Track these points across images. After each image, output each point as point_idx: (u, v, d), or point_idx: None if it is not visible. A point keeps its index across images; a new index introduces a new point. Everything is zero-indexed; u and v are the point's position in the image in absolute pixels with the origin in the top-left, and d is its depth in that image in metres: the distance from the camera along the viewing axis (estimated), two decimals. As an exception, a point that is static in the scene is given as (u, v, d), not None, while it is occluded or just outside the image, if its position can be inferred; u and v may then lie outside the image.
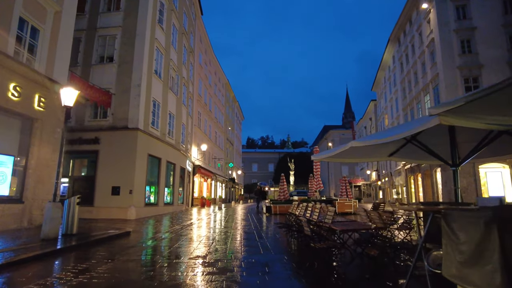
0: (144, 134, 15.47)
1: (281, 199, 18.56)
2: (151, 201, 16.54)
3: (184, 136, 22.78)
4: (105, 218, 13.89)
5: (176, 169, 20.15)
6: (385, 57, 40.60)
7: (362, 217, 15.62)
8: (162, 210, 17.49)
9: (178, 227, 10.90)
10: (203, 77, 32.19)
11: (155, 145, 16.80)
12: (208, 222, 13.33)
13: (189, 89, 24.75)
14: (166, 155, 18.28)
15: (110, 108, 15.16)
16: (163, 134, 18.14)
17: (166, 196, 18.68)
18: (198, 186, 29.12)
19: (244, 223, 12.75)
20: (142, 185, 15.19)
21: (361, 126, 64.81)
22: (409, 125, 5.04)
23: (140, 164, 15.06)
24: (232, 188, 49.54)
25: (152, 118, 16.75)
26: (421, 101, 28.05)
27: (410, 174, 31.57)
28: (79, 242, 7.11)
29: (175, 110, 20.44)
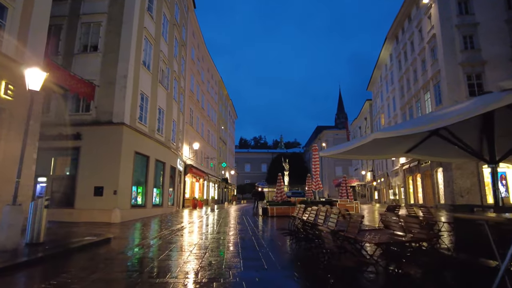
0: (130, 130, 14.20)
1: (278, 200, 17.48)
2: (138, 202, 15.27)
3: (174, 134, 21.52)
4: (87, 222, 12.59)
5: (166, 168, 18.89)
6: (381, 55, 39.89)
7: (372, 220, 14.61)
8: (150, 212, 16.22)
9: (166, 232, 9.70)
10: (196, 73, 30.94)
11: (142, 142, 15.53)
12: (200, 226, 12.15)
13: (180, 84, 23.49)
14: (155, 153, 17.02)
15: (93, 101, 13.86)
16: (152, 130, 16.88)
17: (155, 197, 17.41)
18: (190, 186, 27.84)
19: (240, 227, 11.60)
20: (128, 185, 13.93)
21: (355, 126, 64.21)
22: (449, 114, 3.96)
23: (126, 162, 13.79)
24: (225, 188, 48.29)
25: (140, 113, 15.49)
26: (421, 99, 27.29)
27: (409, 174, 30.81)
28: (44, 254, 5.88)
29: (165, 105, 19.18)
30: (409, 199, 31.37)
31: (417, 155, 7.64)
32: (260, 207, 17.40)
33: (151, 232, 10.01)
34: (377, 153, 8.10)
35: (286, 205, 16.78)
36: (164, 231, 10.17)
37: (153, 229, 10.97)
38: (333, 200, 17.48)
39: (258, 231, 10.38)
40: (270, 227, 11.83)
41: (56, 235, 8.29)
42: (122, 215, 13.09)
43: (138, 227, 11.69)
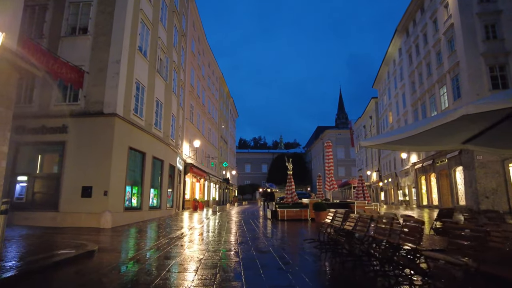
0: (124, 122, 12.52)
1: (289, 202, 15.80)
2: (133, 204, 13.57)
3: (174, 130, 19.84)
4: (72, 227, 10.92)
5: (164, 167, 17.20)
6: (390, 50, 38.32)
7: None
8: (146, 216, 14.53)
9: (164, 242, 8.02)
10: (196, 67, 29.28)
11: (138, 137, 13.85)
12: (204, 232, 10.47)
13: (180, 77, 21.82)
14: (152, 150, 15.33)
15: (82, 89, 12.18)
16: (149, 124, 15.20)
17: (152, 198, 15.71)
18: (190, 187, 26.16)
19: (251, 234, 9.92)
20: (120, 185, 12.24)
21: (359, 125, 62.64)
22: None
23: (119, 159, 12.10)
24: (226, 189, 46.61)
25: (135, 104, 13.81)
26: (435, 94, 25.68)
27: (421, 174, 29.18)
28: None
29: (164, 98, 17.50)
30: (421, 200, 29.73)
31: (477, 146, 5.99)
32: (269, 209, 15.74)
33: (146, 241, 8.32)
34: (429, 144, 6.46)
35: (297, 208, 15.11)
36: (162, 239, 8.49)
37: (149, 237, 9.29)
38: (349, 202, 15.84)
39: (275, 240, 8.69)
40: (287, 235, 10.15)
41: (25, 248, 6.62)
42: (114, 219, 11.39)
43: (131, 234, 10.00)
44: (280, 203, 16.31)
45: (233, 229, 11.10)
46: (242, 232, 10.34)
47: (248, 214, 20.18)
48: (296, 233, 10.46)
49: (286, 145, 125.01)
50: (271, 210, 15.24)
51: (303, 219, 14.79)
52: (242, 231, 10.63)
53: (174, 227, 11.61)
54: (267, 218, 16.08)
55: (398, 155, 37.30)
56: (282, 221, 14.40)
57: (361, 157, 61.21)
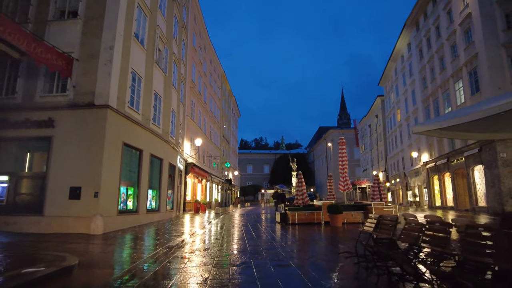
0: (117, 115, 11.21)
1: (299, 204, 14.47)
2: (128, 207, 12.25)
3: (174, 126, 18.53)
4: (58, 233, 9.63)
5: (163, 166, 15.89)
6: (398, 46, 36.98)
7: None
8: (144, 219, 13.21)
9: (162, 252, 6.70)
10: (197, 63, 28.00)
11: (134, 132, 12.54)
12: (208, 239, 9.14)
13: (180, 71, 20.53)
14: (150, 147, 14.03)
15: (70, 78, 10.89)
16: (146, 119, 13.89)
17: (150, 200, 14.40)
18: (192, 187, 24.83)
19: (264, 242, 8.60)
20: (114, 186, 10.92)
21: (364, 124, 61.31)
22: None
23: (111, 156, 10.79)
24: (228, 190, 45.26)
25: (131, 96, 12.51)
26: (449, 89, 24.32)
27: (434, 173, 27.77)
28: None
29: (163, 91, 16.20)
30: (433, 201, 28.32)
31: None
32: (278, 212, 14.39)
33: (140, 252, 6.99)
34: (493, 130, 5.14)
35: (309, 210, 13.77)
36: (159, 249, 7.17)
37: (144, 246, 7.96)
38: (366, 204, 14.48)
39: (295, 251, 7.35)
40: (305, 243, 8.80)
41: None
42: (106, 224, 10.08)
43: (124, 241, 8.68)
44: (290, 206, 14.96)
45: (240, 235, 9.77)
46: (251, 239, 9.00)
47: (253, 217, 18.84)
48: (315, 240, 9.12)
49: (288, 146, 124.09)
50: (280, 213, 13.89)
51: (316, 223, 13.46)
52: (251, 237, 9.30)
53: (174, 233, 10.29)
54: (275, 221, 14.74)
55: (407, 154, 35.94)
56: (293, 225, 13.06)
57: (366, 157, 59.84)
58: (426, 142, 29.58)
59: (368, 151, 58.49)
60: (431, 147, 28.75)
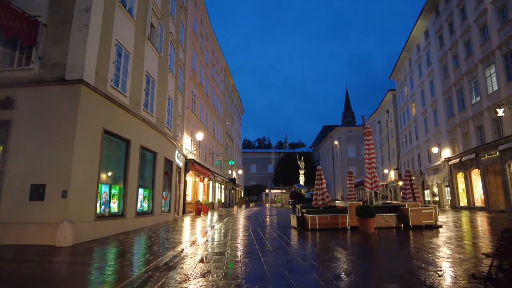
0: (95, 95, 8.92)
1: (319, 206, 12.12)
2: (112, 210, 9.95)
3: (171, 116, 16.24)
4: (14, 245, 7.36)
5: (158, 161, 13.59)
6: (412, 35, 34.53)
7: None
8: (132, 224, 10.91)
9: (144, 279, 4.38)
10: (198, 51, 25.70)
11: (119, 118, 10.24)
12: (210, 253, 6.79)
13: (178, 55, 18.23)
14: (140, 137, 11.73)
15: (35, 47, 8.62)
16: (136, 104, 11.58)
17: (141, 201, 12.10)
18: (192, 187, 22.54)
19: (290, 264, 6.26)
20: (90, 183, 8.62)
21: (373, 121, 58.82)
22: None
23: (87, 145, 8.50)
24: (232, 190, 42.94)
25: (116, 74, 10.21)
26: (478, 76, 21.86)
27: (458, 170, 25.28)
28: None
29: (157, 74, 13.91)
30: (457, 200, 25.84)
31: None
32: (293, 215, 12.02)
33: (111, 277, 4.67)
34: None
35: (332, 213, 11.40)
36: (142, 270, 4.86)
37: (121, 265, 5.62)
38: (399, 205, 12.09)
39: (343, 277, 4.98)
40: (348, 261, 6.44)
41: None
42: (78, 232, 7.78)
43: (95, 258, 6.37)
44: (308, 207, 12.58)
45: (251, 249, 7.43)
46: (267, 254, 6.66)
47: (262, 220, 16.50)
48: (359, 255, 6.76)
49: (291, 145, 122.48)
50: (296, 216, 11.52)
51: (341, 228, 11.11)
52: (266, 251, 6.95)
53: (168, 243, 7.97)
54: (290, 226, 12.40)
55: (424, 150, 33.48)
56: (312, 231, 10.71)
57: (376, 155, 57.18)
58: (447, 137, 27.11)
59: (377, 148, 56.00)
60: (453, 142, 26.28)
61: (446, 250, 6.56)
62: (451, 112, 26.44)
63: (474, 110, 22.38)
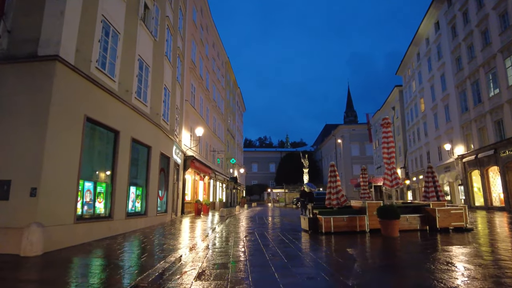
0: (75, 76, 7.58)
1: (334, 206, 10.77)
2: (96, 210, 8.62)
3: (168, 108, 14.91)
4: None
5: (152, 156, 12.26)
6: (421, 27, 33.11)
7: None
8: (122, 227, 9.58)
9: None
10: (198, 42, 24.36)
11: (105, 104, 8.90)
12: (211, 265, 5.44)
13: (176, 43, 16.90)
14: (131, 128, 10.39)
15: (3, 19, 7.30)
16: (126, 91, 10.25)
17: (133, 200, 10.77)
18: (192, 185, 21.21)
19: (318, 279, 4.94)
20: (68, 180, 7.29)
21: (377, 118, 57.36)
22: None
23: (63, 134, 7.17)
24: (233, 189, 41.60)
25: (102, 55, 8.88)
26: (497, 67, 20.44)
27: (473, 168, 23.88)
28: None
29: (152, 60, 12.58)
30: (472, 200, 24.44)
31: None
32: (304, 217, 10.67)
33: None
34: None
35: (348, 214, 10.05)
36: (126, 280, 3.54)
37: (95, 283, 4.28)
38: (422, 205, 10.74)
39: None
40: (378, 270, 5.08)
41: None
42: (53, 237, 6.47)
43: (62, 272, 5.03)
44: (320, 208, 11.22)
45: (260, 256, 6.09)
46: (281, 266, 5.32)
47: (267, 222, 15.18)
48: (394, 267, 5.41)
49: (292, 144, 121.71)
50: (308, 218, 10.17)
51: (359, 231, 9.77)
52: (279, 262, 5.61)
53: (160, 250, 6.64)
54: (300, 229, 11.05)
55: (434, 147, 32.09)
56: (327, 235, 9.38)
57: (381, 153, 55.85)
58: (461, 133, 25.70)
59: (382, 147, 54.54)
60: (468, 138, 24.87)
61: (500, 263, 5.21)
62: (465, 107, 25.04)
63: (492, 104, 20.98)
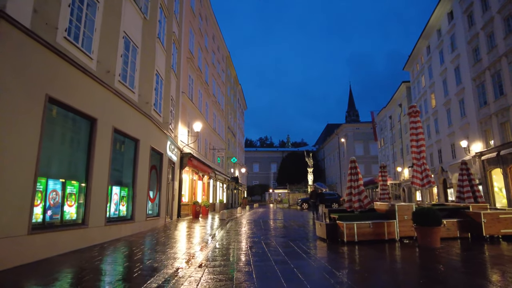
0: (33, 43, 5.87)
1: (355, 209, 9.03)
2: (66, 216, 6.89)
3: (161, 98, 13.21)
4: None
5: (141, 151, 10.54)
6: (432, 19, 31.36)
7: None
8: (100, 236, 7.86)
9: None
10: (197, 32, 22.67)
11: (78, 84, 7.17)
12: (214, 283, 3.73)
13: (172, 27, 15.19)
14: (113, 116, 8.67)
15: None
16: (108, 71, 8.52)
17: (117, 203, 9.05)
18: (190, 186, 19.49)
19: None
20: (20, 176, 5.57)
21: (382, 117, 55.68)
22: None
23: (12, 117, 5.45)
24: (234, 189, 39.87)
25: (73, 22, 7.16)
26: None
27: (494, 166, 22.11)
28: None
29: (140, 40, 10.87)
30: (492, 200, 22.67)
31: None
32: (320, 223, 8.93)
33: None
34: None
35: (373, 219, 8.33)
36: None
37: None
38: (459, 207, 9.02)
39: None
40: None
41: None
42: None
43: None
44: (340, 212, 9.47)
45: (275, 283, 4.38)
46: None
47: (273, 226, 13.46)
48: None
49: (293, 144, 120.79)
50: (325, 224, 8.45)
51: (387, 240, 8.07)
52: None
53: (139, 272, 4.92)
54: (315, 236, 9.32)
55: (446, 145, 30.32)
56: (350, 244, 7.67)
57: (386, 152, 54.16)
58: (479, 128, 23.94)
59: (388, 145, 52.85)
60: (487, 134, 23.12)
61: None
62: (483, 100, 23.29)
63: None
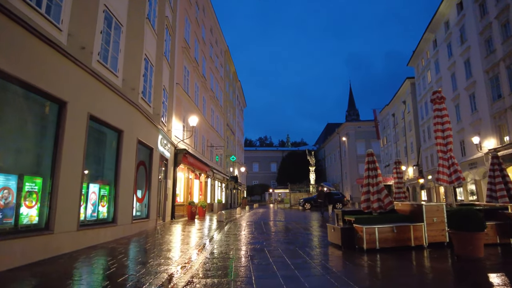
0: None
1: (374, 210, 7.71)
2: (22, 220, 5.56)
3: (150, 86, 11.89)
4: None
5: (125, 144, 9.21)
6: (440, 11, 30.14)
7: None
8: (70, 244, 6.55)
9: None
10: (193, 21, 21.36)
11: (42, 59, 5.84)
12: None
13: (164, 9, 13.88)
14: (89, 101, 7.34)
15: None
16: (82, 48, 7.19)
17: (95, 203, 7.74)
18: (185, 185, 18.17)
19: None
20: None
21: (385, 115, 54.46)
22: None
23: None
24: (234, 189, 38.55)
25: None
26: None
27: (510, 163, 20.82)
28: None
29: (126, 18, 9.55)
30: (506, 200, 21.39)
31: None
32: (333, 226, 7.63)
33: None
34: None
35: (396, 222, 7.03)
36: None
37: None
38: (495, 208, 7.76)
39: None
40: None
41: None
42: None
43: None
44: (356, 214, 8.14)
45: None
46: None
47: (277, 229, 12.15)
48: None
49: (293, 144, 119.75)
50: (339, 228, 7.14)
51: (414, 246, 6.77)
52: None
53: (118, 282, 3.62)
54: (327, 242, 8.01)
55: (454, 142, 29.02)
56: (370, 253, 6.39)
57: (389, 151, 52.91)
58: (492, 124, 22.68)
59: (391, 144, 51.60)
60: (502, 129, 21.85)
61: None
62: (497, 94, 22.03)
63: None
